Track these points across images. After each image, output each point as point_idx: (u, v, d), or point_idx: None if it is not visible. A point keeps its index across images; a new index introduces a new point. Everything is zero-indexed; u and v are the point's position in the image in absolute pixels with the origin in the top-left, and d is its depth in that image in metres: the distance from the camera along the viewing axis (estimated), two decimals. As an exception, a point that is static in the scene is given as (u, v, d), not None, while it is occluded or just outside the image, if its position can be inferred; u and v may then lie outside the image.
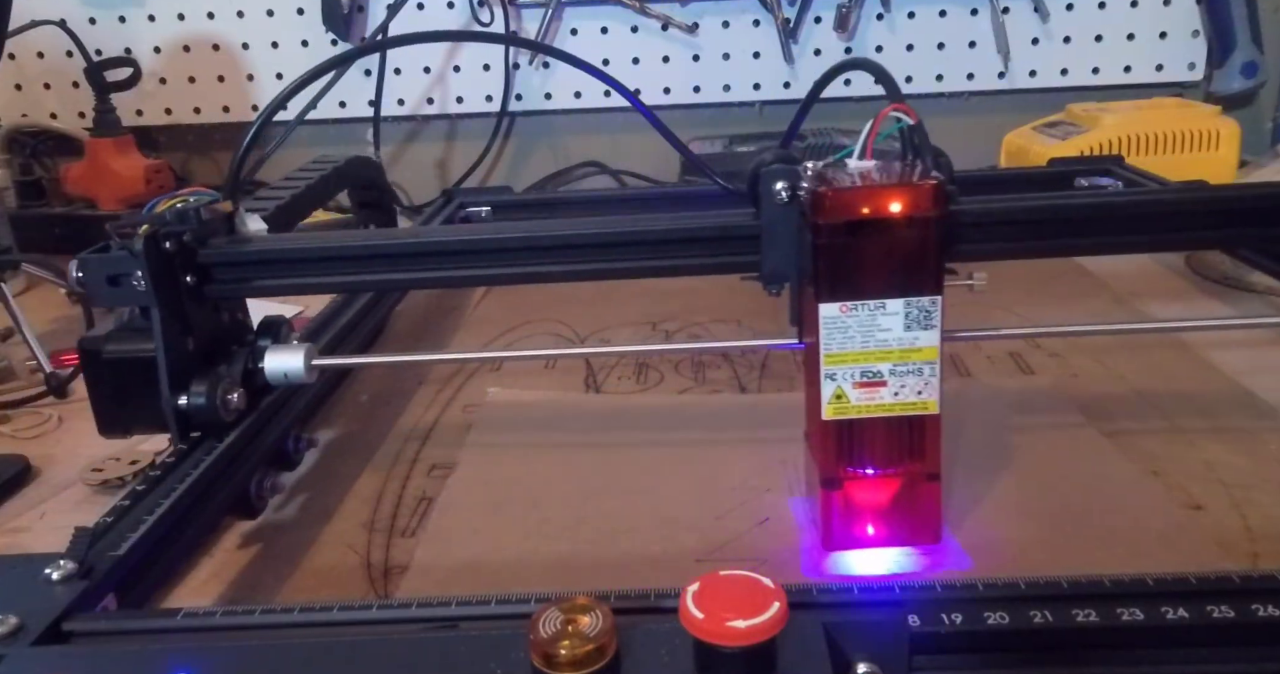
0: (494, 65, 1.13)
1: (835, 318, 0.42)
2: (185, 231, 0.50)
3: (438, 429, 0.62)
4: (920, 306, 0.42)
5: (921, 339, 0.43)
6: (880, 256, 0.42)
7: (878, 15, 1.09)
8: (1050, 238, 0.49)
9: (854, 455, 0.44)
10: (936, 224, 0.41)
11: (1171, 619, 0.31)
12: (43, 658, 0.32)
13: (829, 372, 0.43)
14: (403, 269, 0.52)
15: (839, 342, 0.43)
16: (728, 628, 0.27)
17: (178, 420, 0.49)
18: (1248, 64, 1.06)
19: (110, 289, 0.49)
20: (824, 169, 0.44)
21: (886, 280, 0.42)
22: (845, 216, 0.41)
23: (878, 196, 0.41)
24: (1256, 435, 0.55)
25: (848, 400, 0.43)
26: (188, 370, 0.49)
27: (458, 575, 0.46)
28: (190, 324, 0.50)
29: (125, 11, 1.12)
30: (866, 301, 0.42)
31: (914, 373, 0.43)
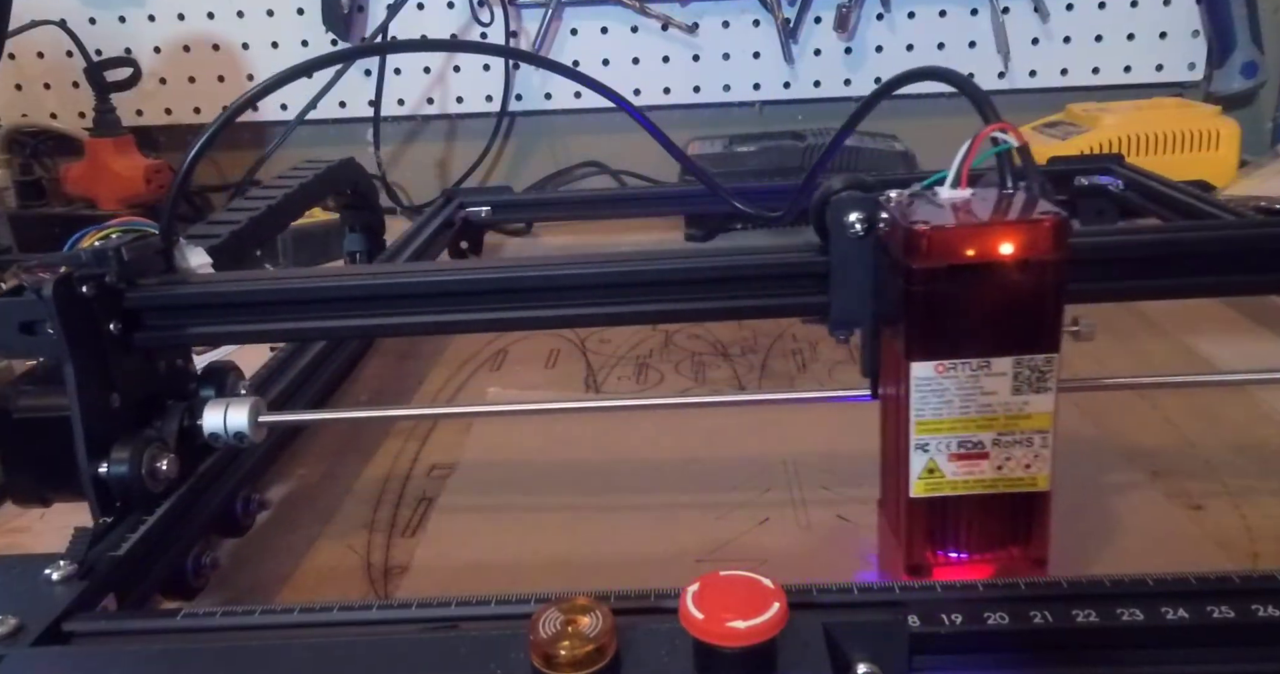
0: (494, 65, 1.13)
1: (930, 378, 0.36)
2: (105, 273, 0.43)
3: (438, 429, 0.62)
4: (1033, 366, 0.36)
5: (1032, 403, 0.37)
6: (988, 307, 0.35)
7: (878, 15, 1.09)
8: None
9: (945, 538, 0.38)
10: (1056, 267, 0.35)
11: (1171, 619, 0.31)
12: (43, 658, 0.32)
13: (920, 442, 0.37)
14: (370, 313, 0.45)
15: (933, 406, 0.36)
16: (728, 628, 0.27)
17: (97, 491, 0.41)
18: (1248, 64, 1.06)
19: (24, 337, 0.42)
20: (911, 199, 0.38)
21: (994, 335, 0.36)
22: (947, 260, 0.35)
23: (987, 236, 0.35)
24: (1257, 435, 0.55)
25: (942, 475, 0.37)
26: (110, 432, 0.42)
27: (458, 575, 0.46)
28: (114, 378, 0.43)
29: (125, 11, 1.12)
30: (969, 360, 0.36)
31: (1022, 443, 0.37)
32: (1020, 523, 0.38)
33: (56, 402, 0.42)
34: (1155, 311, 0.75)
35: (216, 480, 0.48)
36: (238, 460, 0.50)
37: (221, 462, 0.48)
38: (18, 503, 0.45)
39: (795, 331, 0.75)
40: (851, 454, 0.55)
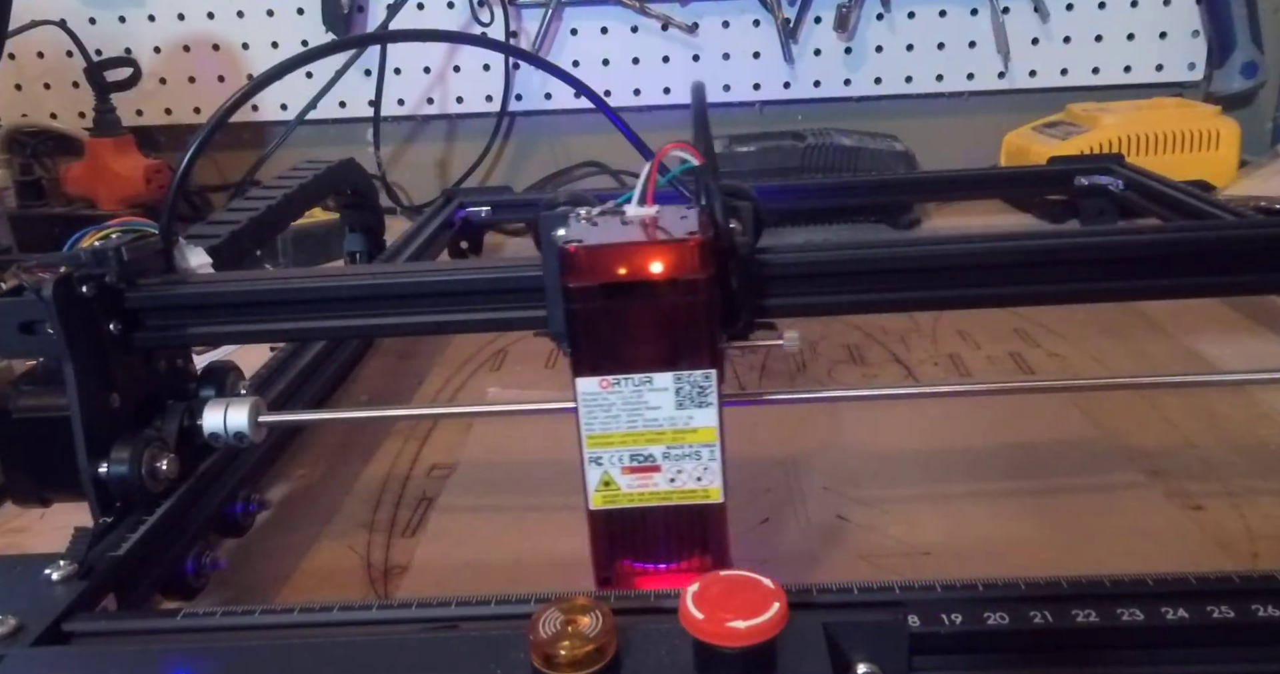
0: (494, 65, 1.13)
1: (595, 393, 0.37)
2: (105, 273, 0.44)
3: (438, 429, 0.62)
4: (693, 381, 0.37)
5: (697, 418, 0.37)
6: (643, 324, 0.36)
7: (878, 15, 1.09)
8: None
9: (630, 549, 0.39)
10: (706, 285, 0.36)
11: (1171, 619, 0.31)
12: (43, 658, 0.32)
13: (593, 455, 0.38)
14: (370, 313, 0.45)
15: (601, 421, 0.37)
16: (728, 628, 0.27)
17: (97, 491, 0.41)
18: (1248, 64, 1.06)
19: (23, 337, 0.42)
20: (597, 216, 0.39)
21: (653, 351, 0.36)
22: (600, 279, 0.35)
23: (635, 254, 0.35)
24: (1257, 435, 0.55)
25: (618, 487, 0.38)
26: (110, 432, 0.42)
27: (458, 575, 0.46)
28: (114, 378, 0.43)
29: (125, 11, 1.12)
30: (631, 375, 0.36)
31: (691, 456, 0.38)
32: (699, 533, 0.39)
33: (56, 402, 0.42)
34: (1156, 312, 0.75)
35: (216, 481, 0.48)
36: (238, 460, 0.50)
37: (221, 462, 0.48)
38: (17, 503, 0.45)
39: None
40: (852, 454, 0.55)
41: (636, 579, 0.39)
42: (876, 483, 0.52)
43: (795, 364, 0.69)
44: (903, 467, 0.54)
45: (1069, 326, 0.73)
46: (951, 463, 0.54)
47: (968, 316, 0.76)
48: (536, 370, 0.71)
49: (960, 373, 0.66)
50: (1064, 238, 0.46)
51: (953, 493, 0.51)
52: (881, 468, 0.54)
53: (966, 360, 0.68)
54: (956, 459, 0.54)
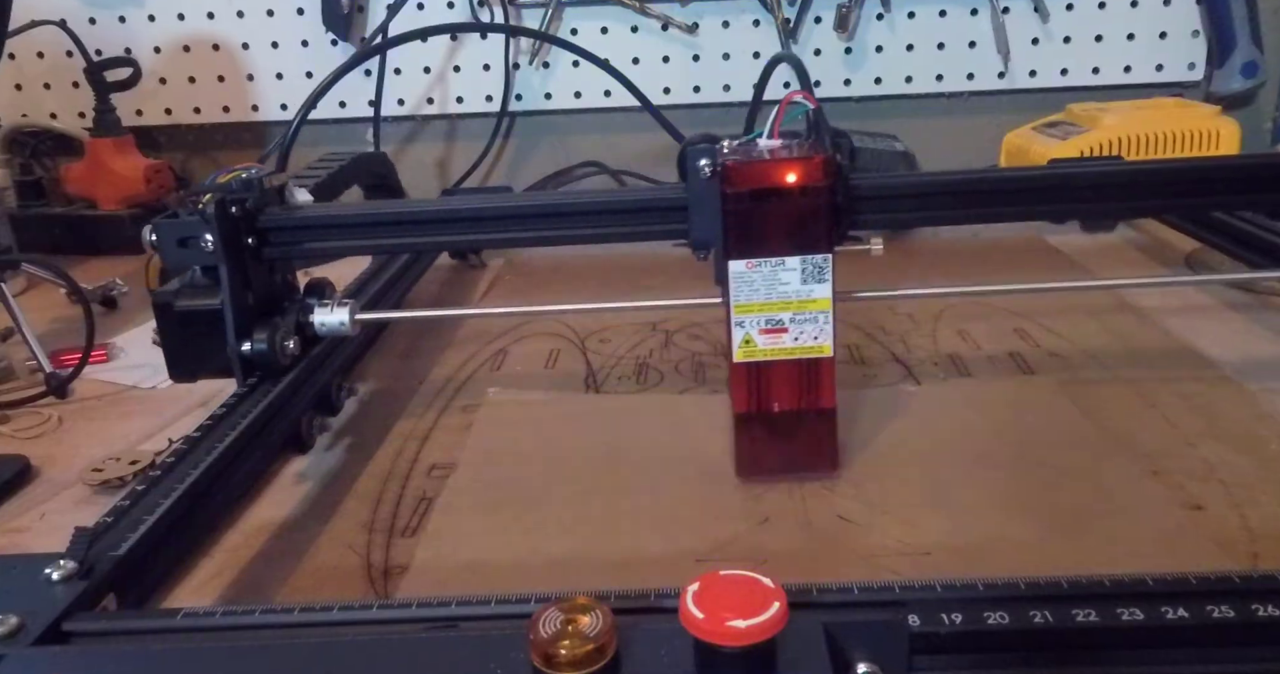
0: (494, 65, 1.13)
1: (742, 273, 0.49)
2: (249, 198, 0.57)
3: (438, 429, 0.62)
4: (814, 263, 0.49)
5: (816, 291, 0.49)
6: (779, 220, 0.48)
7: (878, 15, 1.09)
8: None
9: (762, 393, 0.51)
10: (826, 192, 0.48)
11: (1171, 619, 0.31)
12: (43, 658, 0.32)
13: (738, 320, 0.50)
14: (431, 233, 0.60)
15: (745, 294, 0.49)
16: (728, 628, 0.27)
17: (241, 365, 0.55)
18: (1248, 64, 1.06)
19: (180, 250, 0.55)
20: (738, 146, 0.51)
21: (785, 240, 0.48)
22: (749, 186, 0.48)
23: (775, 169, 0.48)
24: (1257, 435, 0.55)
25: (755, 345, 0.50)
26: (249, 321, 0.55)
27: (458, 575, 0.46)
28: (250, 281, 0.56)
29: (125, 11, 1.12)
30: (768, 259, 0.48)
31: (810, 321, 0.49)
32: (813, 381, 0.51)
33: (206, 300, 0.55)
34: (1156, 311, 0.75)
35: (321, 366, 0.62)
36: (334, 353, 0.64)
37: (322, 354, 0.62)
38: (174, 378, 0.57)
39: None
40: (852, 453, 0.55)
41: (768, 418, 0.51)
42: (876, 483, 0.52)
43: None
44: (903, 466, 0.54)
45: (1069, 326, 0.73)
46: (952, 462, 0.54)
47: (968, 317, 0.76)
48: (536, 371, 0.71)
49: (960, 372, 0.66)
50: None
51: (953, 492, 0.51)
52: (881, 467, 0.54)
53: (966, 360, 0.68)
54: (957, 458, 0.54)
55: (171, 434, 0.62)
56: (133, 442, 0.62)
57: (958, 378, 0.66)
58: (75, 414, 0.67)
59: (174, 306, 0.56)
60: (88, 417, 0.67)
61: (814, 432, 0.52)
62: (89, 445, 0.62)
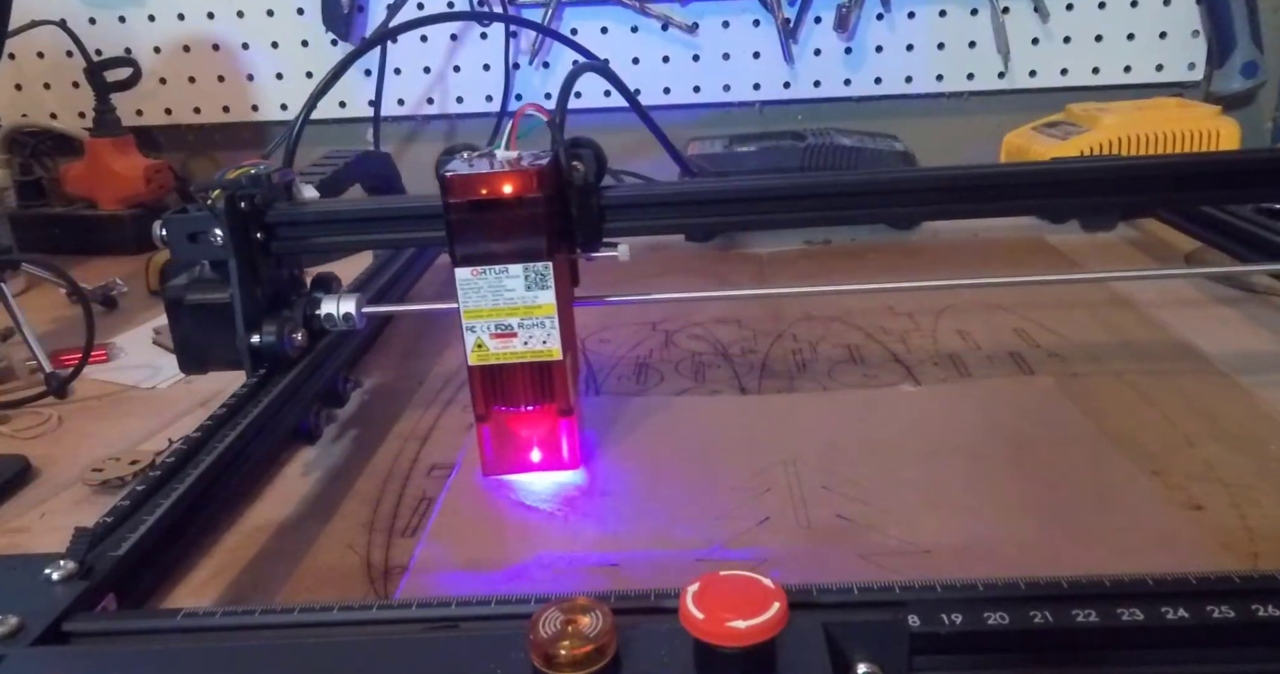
0: (494, 65, 1.13)
1: (468, 280, 0.51)
2: (257, 194, 0.58)
3: (438, 429, 0.62)
4: (536, 271, 0.51)
5: (540, 298, 0.51)
6: (499, 229, 0.50)
7: (878, 15, 1.09)
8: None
9: (497, 395, 0.53)
10: (543, 202, 0.50)
11: (1171, 619, 0.31)
12: (43, 658, 0.32)
13: (469, 325, 0.52)
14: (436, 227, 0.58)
15: (474, 299, 0.51)
16: (728, 628, 0.27)
17: (251, 356, 0.57)
18: (1248, 64, 1.06)
19: (190, 245, 0.57)
20: (477, 157, 0.53)
21: (507, 249, 0.51)
22: (467, 196, 0.50)
23: (492, 180, 0.50)
24: (1257, 435, 0.55)
25: (487, 349, 0.52)
26: (258, 314, 0.57)
27: (458, 575, 0.46)
28: (259, 275, 0.58)
29: (125, 11, 1.12)
30: (492, 266, 0.51)
31: (538, 326, 0.51)
32: (546, 383, 0.53)
33: (215, 294, 0.57)
34: (1156, 312, 0.75)
35: (328, 359, 0.63)
36: (340, 347, 0.65)
37: (328, 347, 0.63)
38: (184, 371, 0.60)
39: (795, 331, 0.75)
40: (852, 453, 0.55)
41: (505, 419, 0.54)
42: (876, 482, 0.52)
43: (796, 363, 0.69)
44: (903, 466, 0.54)
45: (1069, 326, 0.73)
46: (952, 462, 0.54)
47: (968, 317, 0.76)
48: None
49: (960, 373, 0.66)
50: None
51: (953, 492, 0.51)
52: (882, 467, 0.54)
53: (966, 360, 0.68)
54: (957, 458, 0.54)
55: (172, 434, 0.62)
56: (133, 442, 0.62)
57: (958, 378, 0.66)
58: (75, 414, 0.67)
59: (185, 300, 0.57)
60: (88, 417, 0.67)
61: (552, 432, 0.54)
62: (89, 445, 0.62)
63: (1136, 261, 0.90)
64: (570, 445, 0.54)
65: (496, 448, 0.54)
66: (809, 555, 0.46)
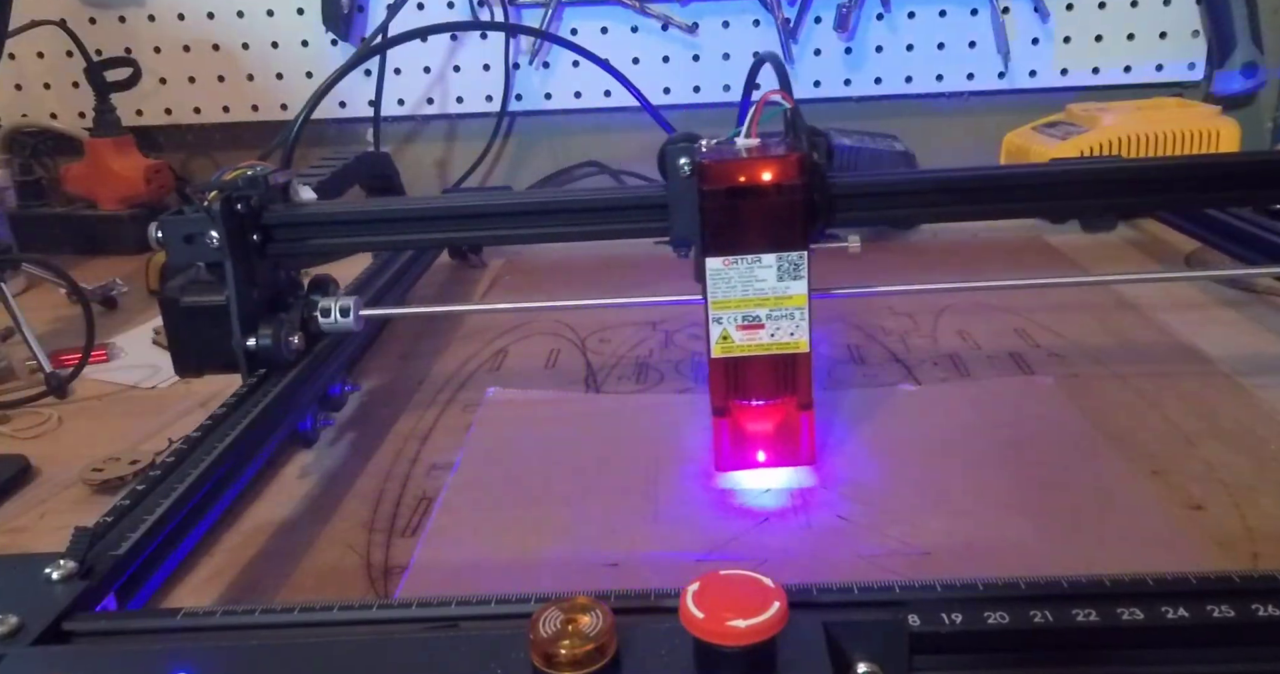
0: (494, 65, 1.13)
1: (719, 270, 0.49)
2: (254, 195, 0.57)
3: (438, 429, 0.62)
4: (790, 260, 0.49)
5: (793, 288, 0.49)
6: (755, 217, 0.49)
7: (878, 15, 1.09)
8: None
9: (739, 388, 0.51)
10: (801, 189, 0.48)
11: (1171, 619, 0.31)
12: (42, 658, 0.32)
13: (715, 316, 0.50)
14: (432, 229, 0.60)
15: (723, 290, 0.49)
16: (728, 627, 0.27)
17: (247, 359, 0.56)
18: (1248, 64, 1.06)
19: (186, 246, 0.56)
20: (716, 145, 0.51)
21: (761, 238, 0.49)
22: (725, 183, 0.48)
23: (751, 167, 0.48)
24: (1257, 435, 0.55)
25: (732, 341, 0.50)
26: (254, 317, 0.56)
27: (458, 575, 0.46)
28: (255, 277, 0.57)
29: (125, 11, 1.12)
30: (745, 256, 0.49)
31: (787, 317, 0.50)
32: (790, 376, 0.51)
33: (212, 296, 0.56)
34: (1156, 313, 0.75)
35: (326, 361, 0.62)
36: (338, 350, 0.64)
37: (326, 351, 0.62)
38: (180, 374, 0.59)
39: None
40: (852, 453, 0.55)
41: (744, 412, 0.52)
42: (876, 483, 0.52)
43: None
44: (903, 466, 0.54)
45: (1069, 326, 0.73)
46: (952, 462, 0.54)
47: (968, 316, 0.76)
48: (536, 370, 0.71)
49: (960, 373, 0.66)
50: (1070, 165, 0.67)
51: (952, 492, 0.51)
52: (881, 467, 0.54)
53: (966, 360, 0.68)
54: (957, 458, 0.54)
55: (171, 434, 0.62)
56: (133, 441, 0.62)
57: (958, 378, 0.66)
58: (75, 414, 0.67)
59: (180, 302, 0.56)
60: (88, 417, 0.67)
61: (791, 426, 0.52)
62: (89, 445, 0.62)
63: (1136, 262, 0.90)
64: (808, 440, 0.53)
65: (733, 442, 0.52)
66: (809, 555, 0.46)
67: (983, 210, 0.59)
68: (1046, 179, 0.59)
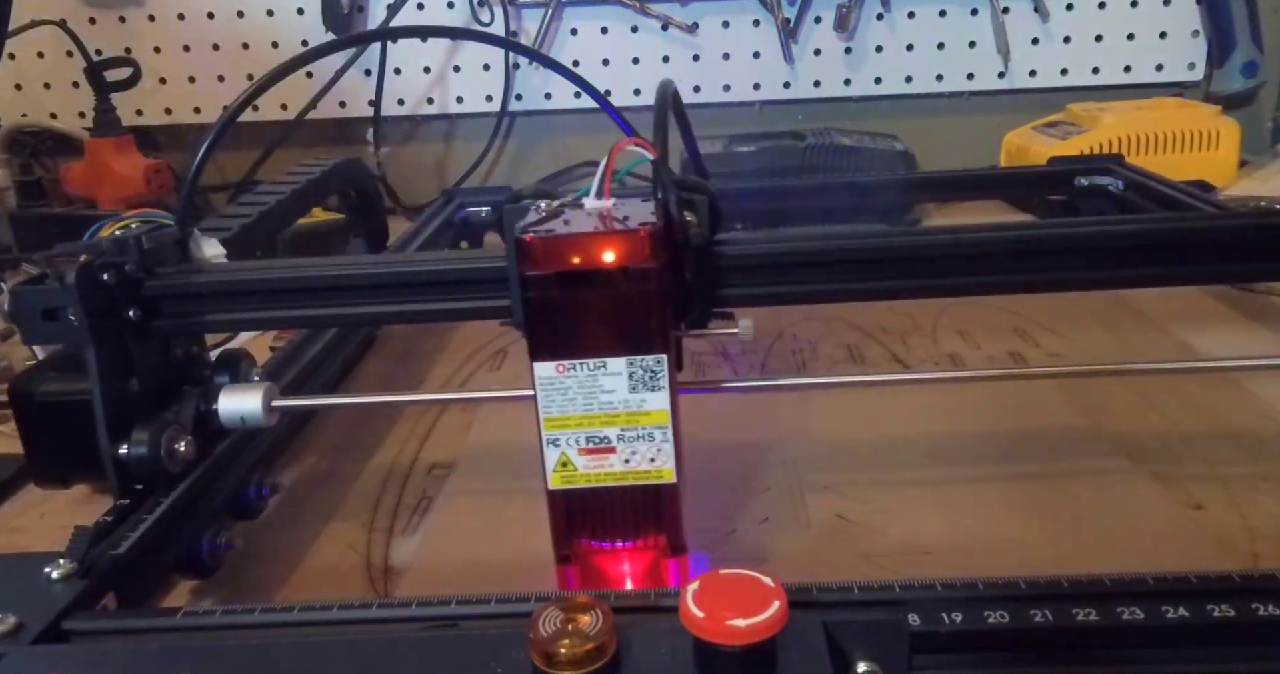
0: (494, 65, 1.13)
1: (552, 378, 0.38)
2: (126, 262, 0.45)
3: (438, 429, 0.62)
4: (645, 366, 0.38)
5: (649, 402, 0.38)
6: (597, 311, 0.37)
7: (878, 15, 1.09)
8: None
9: (586, 527, 0.40)
10: (656, 274, 0.37)
11: (1171, 618, 0.31)
12: (42, 657, 0.32)
13: (551, 437, 0.39)
14: (379, 300, 0.46)
15: (559, 405, 0.38)
16: (728, 627, 0.27)
17: (118, 472, 0.43)
18: (1248, 64, 1.06)
19: (46, 324, 0.44)
20: (556, 208, 0.40)
21: (606, 337, 0.37)
22: (554, 267, 0.37)
23: (588, 244, 0.36)
24: (1257, 435, 0.55)
25: (575, 468, 0.39)
26: (130, 415, 0.44)
27: (458, 575, 0.46)
28: (133, 363, 0.45)
29: (125, 11, 1.12)
30: (586, 360, 0.38)
31: (644, 438, 0.39)
32: (653, 513, 0.39)
33: (78, 386, 0.44)
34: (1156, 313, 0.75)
35: (231, 464, 0.49)
36: (251, 445, 0.51)
37: (235, 446, 0.49)
38: (40, 485, 0.47)
39: (795, 331, 0.75)
40: (852, 453, 0.55)
41: (594, 557, 0.40)
42: (876, 482, 0.52)
43: (796, 363, 0.69)
44: (903, 466, 0.54)
45: (1068, 326, 0.73)
46: (952, 462, 0.54)
47: (968, 316, 0.76)
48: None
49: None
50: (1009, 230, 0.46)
51: (953, 492, 0.51)
52: (882, 467, 0.54)
53: (967, 360, 0.68)
54: (957, 458, 0.54)
55: (171, 434, 0.62)
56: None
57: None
58: (75, 414, 0.67)
59: (34, 397, 0.45)
60: (87, 416, 0.67)
61: (657, 577, 0.40)
62: (89, 445, 0.61)
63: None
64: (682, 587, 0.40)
65: None
66: (809, 555, 0.46)
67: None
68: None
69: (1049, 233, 0.46)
